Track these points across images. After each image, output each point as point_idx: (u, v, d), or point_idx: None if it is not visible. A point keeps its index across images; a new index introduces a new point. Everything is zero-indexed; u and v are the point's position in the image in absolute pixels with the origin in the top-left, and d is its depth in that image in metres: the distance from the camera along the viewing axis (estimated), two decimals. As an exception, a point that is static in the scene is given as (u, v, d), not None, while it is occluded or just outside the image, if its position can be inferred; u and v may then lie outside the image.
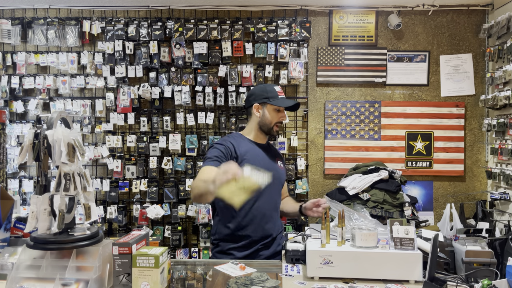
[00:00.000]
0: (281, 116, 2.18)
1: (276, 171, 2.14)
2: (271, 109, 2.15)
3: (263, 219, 2.11)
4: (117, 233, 3.54)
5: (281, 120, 2.19)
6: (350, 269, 1.63)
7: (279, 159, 2.28)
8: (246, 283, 1.55)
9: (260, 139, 2.23)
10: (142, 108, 3.56)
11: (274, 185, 2.13)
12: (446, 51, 3.55)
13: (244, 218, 2.07)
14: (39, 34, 3.49)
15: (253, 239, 2.08)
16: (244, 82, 3.46)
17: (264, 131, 2.19)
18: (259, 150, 2.18)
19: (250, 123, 2.23)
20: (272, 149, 2.31)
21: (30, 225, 1.41)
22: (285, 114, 2.21)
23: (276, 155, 2.29)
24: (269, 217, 2.13)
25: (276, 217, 2.19)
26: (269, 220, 2.13)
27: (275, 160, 2.24)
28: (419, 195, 3.51)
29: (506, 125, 3.09)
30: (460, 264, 1.74)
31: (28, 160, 1.42)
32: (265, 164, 2.12)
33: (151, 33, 3.47)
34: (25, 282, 1.37)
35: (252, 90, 2.23)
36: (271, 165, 2.16)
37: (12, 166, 3.54)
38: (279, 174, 2.18)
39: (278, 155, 2.31)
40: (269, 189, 2.08)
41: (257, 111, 2.17)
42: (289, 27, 3.47)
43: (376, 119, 3.54)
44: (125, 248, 1.45)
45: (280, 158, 2.31)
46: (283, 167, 2.27)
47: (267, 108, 2.15)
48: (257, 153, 2.16)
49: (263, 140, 2.25)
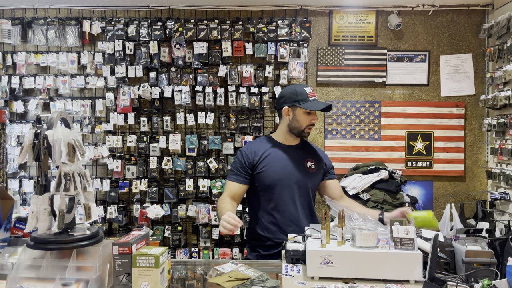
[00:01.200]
0: (312, 119, 2.15)
1: (299, 174, 2.13)
2: (302, 112, 2.12)
3: (285, 223, 2.13)
4: (117, 233, 3.54)
5: (312, 122, 2.16)
6: (350, 269, 1.63)
7: (312, 160, 2.23)
8: (246, 284, 1.55)
9: (290, 141, 2.22)
10: (142, 108, 3.56)
11: (294, 188, 2.13)
12: (446, 51, 3.55)
13: (266, 223, 2.16)
14: (39, 34, 3.49)
15: (277, 242, 2.13)
16: (244, 82, 3.46)
17: (295, 134, 2.18)
18: (282, 153, 2.17)
19: (280, 125, 2.22)
20: (306, 149, 2.27)
21: (30, 225, 1.41)
22: (316, 116, 2.18)
23: (308, 156, 2.24)
24: (293, 221, 2.14)
25: (303, 220, 2.17)
26: (292, 224, 2.14)
27: (304, 161, 2.20)
28: (419, 195, 3.51)
29: (506, 125, 3.09)
30: (460, 264, 1.74)
31: (28, 160, 1.42)
32: (284, 167, 2.13)
33: (151, 33, 3.47)
34: (25, 282, 1.37)
35: (282, 91, 2.20)
36: (292, 168, 2.15)
37: (12, 166, 3.54)
38: (303, 176, 2.14)
39: (312, 156, 2.25)
40: (288, 193, 2.12)
41: (287, 114, 2.16)
42: (289, 27, 3.47)
43: (376, 119, 3.54)
44: (125, 248, 1.45)
45: (314, 158, 2.25)
46: (314, 168, 2.22)
47: (297, 111, 2.12)
48: (279, 156, 2.16)
49: (293, 142, 2.23)
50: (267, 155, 2.16)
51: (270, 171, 2.13)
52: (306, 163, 2.21)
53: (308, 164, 2.21)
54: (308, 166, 2.21)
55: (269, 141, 2.24)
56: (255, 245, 2.21)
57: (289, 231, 2.10)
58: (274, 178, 2.10)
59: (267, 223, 2.16)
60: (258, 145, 2.22)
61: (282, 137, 2.23)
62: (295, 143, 2.25)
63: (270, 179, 2.11)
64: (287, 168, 2.15)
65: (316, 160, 2.25)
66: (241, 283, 1.57)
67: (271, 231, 2.15)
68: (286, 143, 2.23)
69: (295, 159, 2.19)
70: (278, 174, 2.13)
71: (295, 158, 2.19)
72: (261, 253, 2.16)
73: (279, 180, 2.09)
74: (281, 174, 2.13)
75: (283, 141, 2.23)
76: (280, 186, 2.09)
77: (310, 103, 2.11)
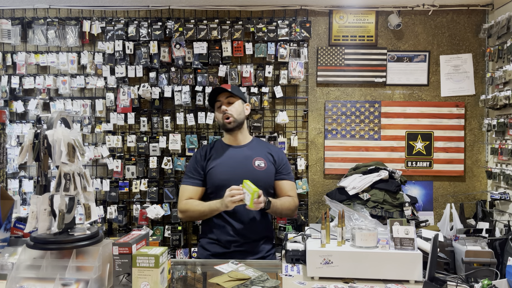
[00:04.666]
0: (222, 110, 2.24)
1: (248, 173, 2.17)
2: (216, 109, 2.29)
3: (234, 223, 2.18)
4: (117, 233, 3.54)
5: (224, 112, 2.23)
6: (350, 269, 1.63)
7: (260, 159, 2.27)
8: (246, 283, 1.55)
9: (232, 141, 2.31)
10: (142, 108, 3.56)
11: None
12: (446, 51, 3.55)
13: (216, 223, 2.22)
14: (39, 34, 3.49)
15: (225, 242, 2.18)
16: (244, 82, 3.46)
17: (225, 130, 2.30)
18: (229, 154, 2.26)
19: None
20: (255, 148, 2.32)
21: (30, 225, 1.41)
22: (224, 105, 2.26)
23: (256, 155, 2.27)
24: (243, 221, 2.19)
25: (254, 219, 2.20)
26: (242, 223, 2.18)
27: (252, 160, 2.24)
28: (419, 195, 3.51)
29: (506, 125, 3.09)
30: (460, 264, 1.74)
31: (28, 160, 1.42)
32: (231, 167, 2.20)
33: (151, 33, 3.47)
34: (25, 282, 1.37)
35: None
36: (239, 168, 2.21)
37: (12, 166, 3.54)
38: (252, 176, 2.15)
39: (261, 154, 2.29)
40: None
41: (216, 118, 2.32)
42: (289, 27, 3.47)
43: (376, 119, 3.54)
44: (125, 248, 1.45)
45: (263, 157, 2.28)
46: (264, 166, 2.24)
47: (215, 110, 2.30)
48: (226, 157, 2.25)
49: (241, 141, 2.31)
50: (215, 157, 2.25)
51: (218, 172, 2.21)
52: (254, 162, 2.25)
53: (257, 162, 2.25)
54: (256, 165, 2.24)
55: (218, 144, 2.35)
56: (205, 243, 2.26)
57: (238, 230, 2.17)
58: (222, 179, 2.14)
59: (217, 223, 2.21)
60: (207, 148, 2.33)
61: (227, 139, 2.34)
62: (243, 142, 2.32)
63: (218, 180, 2.16)
64: (234, 169, 2.20)
65: (265, 159, 2.28)
66: (241, 283, 1.57)
67: (221, 231, 2.20)
68: (234, 144, 2.31)
69: (242, 159, 2.25)
70: (225, 174, 2.18)
71: (242, 158, 2.25)
72: (212, 252, 2.21)
73: (227, 181, 2.11)
74: (229, 175, 2.17)
75: (229, 142, 2.32)
76: (228, 186, 2.07)
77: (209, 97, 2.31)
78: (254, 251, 2.20)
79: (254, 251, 2.19)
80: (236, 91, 2.28)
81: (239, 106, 2.27)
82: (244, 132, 2.33)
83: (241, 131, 2.31)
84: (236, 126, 2.25)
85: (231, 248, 2.17)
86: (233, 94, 2.24)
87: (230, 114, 2.21)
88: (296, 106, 3.56)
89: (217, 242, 2.21)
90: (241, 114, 2.27)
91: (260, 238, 2.23)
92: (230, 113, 2.21)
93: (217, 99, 2.27)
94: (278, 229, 3.49)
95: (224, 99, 2.25)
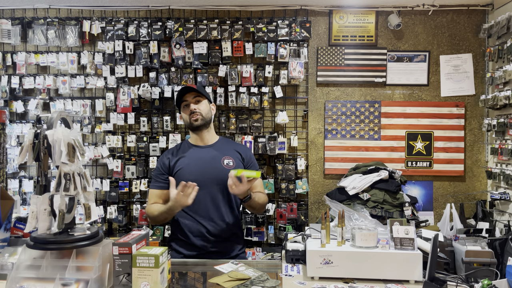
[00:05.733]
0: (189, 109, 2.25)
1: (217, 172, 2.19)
2: (182, 109, 2.30)
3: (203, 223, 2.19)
4: (117, 233, 3.54)
5: (193, 110, 2.25)
6: (350, 269, 1.63)
7: (229, 157, 2.28)
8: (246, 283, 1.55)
9: (199, 141, 2.32)
10: (142, 108, 3.56)
11: (213, 187, 2.20)
12: (446, 51, 3.55)
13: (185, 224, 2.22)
14: (39, 34, 3.49)
15: (195, 242, 2.19)
16: (244, 82, 3.46)
17: (192, 130, 2.31)
18: (197, 155, 2.27)
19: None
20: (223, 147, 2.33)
21: (30, 225, 1.41)
22: (193, 103, 2.27)
23: (224, 153, 2.29)
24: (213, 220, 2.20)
25: (224, 218, 2.22)
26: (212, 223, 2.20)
27: (221, 159, 2.26)
28: (419, 195, 3.51)
29: (506, 125, 3.09)
30: (460, 264, 1.74)
31: (28, 160, 1.42)
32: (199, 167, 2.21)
33: (151, 33, 3.47)
34: (25, 282, 1.37)
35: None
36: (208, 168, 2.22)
37: (12, 166, 3.54)
38: (221, 174, 2.16)
39: (229, 153, 2.31)
40: (207, 192, 2.18)
41: (180, 118, 2.29)
42: (289, 27, 3.47)
43: (376, 119, 3.54)
44: (125, 248, 1.45)
45: (232, 155, 2.30)
46: (232, 164, 2.26)
47: (181, 110, 2.31)
48: (193, 158, 2.25)
49: (208, 141, 2.32)
50: (182, 158, 2.26)
51: (186, 173, 2.21)
52: (223, 161, 2.26)
53: (225, 161, 2.26)
54: (225, 164, 2.25)
55: (185, 144, 2.36)
56: (177, 246, 2.26)
57: (209, 230, 2.19)
58: (191, 179, 2.12)
59: (186, 224, 2.22)
60: (173, 150, 2.34)
61: (193, 139, 2.35)
62: (210, 142, 2.33)
63: (186, 180, 2.14)
64: (202, 168, 2.21)
65: (234, 157, 2.30)
66: (241, 283, 1.57)
67: (191, 231, 2.21)
68: (201, 144, 2.32)
69: (211, 159, 2.25)
70: (194, 175, 2.17)
71: (210, 157, 2.26)
72: (184, 254, 2.21)
73: (196, 181, 2.09)
74: (197, 175, 2.17)
75: (196, 142, 2.33)
76: (198, 186, 2.07)
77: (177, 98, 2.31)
78: (226, 251, 2.22)
79: (226, 251, 2.21)
80: (203, 91, 2.33)
81: (206, 105, 2.31)
82: (211, 131, 2.36)
83: (208, 130, 2.33)
84: (203, 125, 2.27)
85: (205, 249, 2.19)
86: (200, 93, 2.28)
87: (199, 112, 2.25)
88: (296, 106, 3.56)
89: (189, 243, 2.21)
90: (209, 113, 2.31)
91: (230, 235, 2.24)
92: (198, 111, 2.25)
93: (183, 99, 2.29)
94: (278, 229, 3.50)
95: (191, 99, 2.27)
